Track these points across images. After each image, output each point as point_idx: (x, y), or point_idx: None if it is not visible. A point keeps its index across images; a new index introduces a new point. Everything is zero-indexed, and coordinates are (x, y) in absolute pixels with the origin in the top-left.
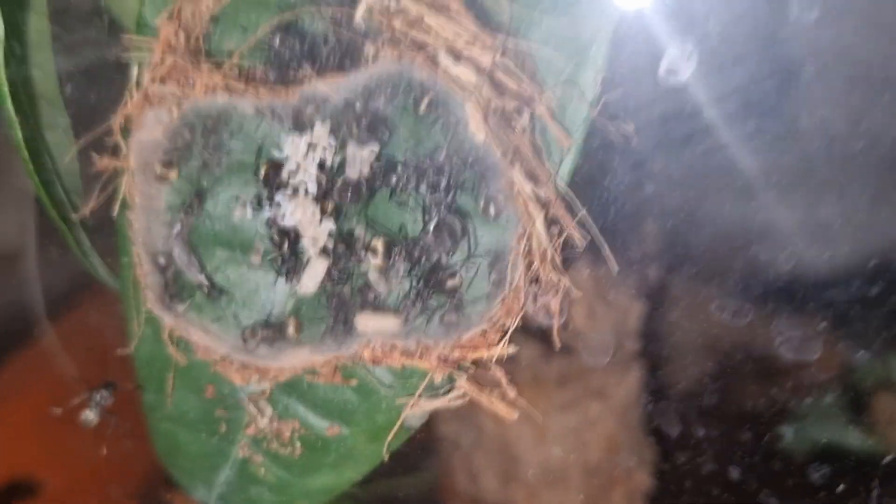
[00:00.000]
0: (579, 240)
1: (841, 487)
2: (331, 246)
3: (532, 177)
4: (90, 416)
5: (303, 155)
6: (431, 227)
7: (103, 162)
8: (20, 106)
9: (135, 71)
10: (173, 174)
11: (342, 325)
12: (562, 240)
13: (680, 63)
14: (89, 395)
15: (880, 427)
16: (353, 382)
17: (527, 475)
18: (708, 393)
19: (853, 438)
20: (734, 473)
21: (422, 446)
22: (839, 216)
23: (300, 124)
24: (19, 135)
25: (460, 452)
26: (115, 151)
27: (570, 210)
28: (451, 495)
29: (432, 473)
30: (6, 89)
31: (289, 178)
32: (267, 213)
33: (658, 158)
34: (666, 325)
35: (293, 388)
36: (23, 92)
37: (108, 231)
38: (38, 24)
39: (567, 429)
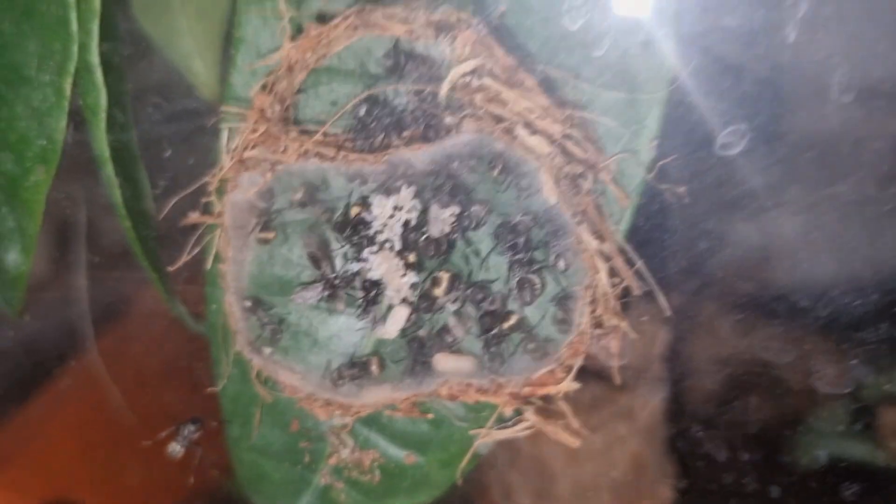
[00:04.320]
0: (635, 288)
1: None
2: (412, 296)
3: (597, 234)
4: (177, 448)
5: (389, 215)
6: (514, 279)
7: (196, 218)
8: (119, 169)
9: (225, 137)
10: (270, 235)
11: (421, 365)
12: (620, 288)
13: (733, 138)
14: (176, 428)
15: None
16: (430, 416)
17: (559, 492)
18: (724, 411)
19: (862, 450)
20: (751, 487)
21: None
22: (870, 268)
23: (387, 188)
24: (118, 195)
25: (496, 470)
26: (206, 209)
27: (628, 262)
28: None
29: (467, 489)
30: (108, 154)
31: (375, 235)
32: (354, 266)
33: (710, 218)
34: (693, 354)
35: (373, 421)
36: (124, 156)
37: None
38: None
39: (597, 448)
